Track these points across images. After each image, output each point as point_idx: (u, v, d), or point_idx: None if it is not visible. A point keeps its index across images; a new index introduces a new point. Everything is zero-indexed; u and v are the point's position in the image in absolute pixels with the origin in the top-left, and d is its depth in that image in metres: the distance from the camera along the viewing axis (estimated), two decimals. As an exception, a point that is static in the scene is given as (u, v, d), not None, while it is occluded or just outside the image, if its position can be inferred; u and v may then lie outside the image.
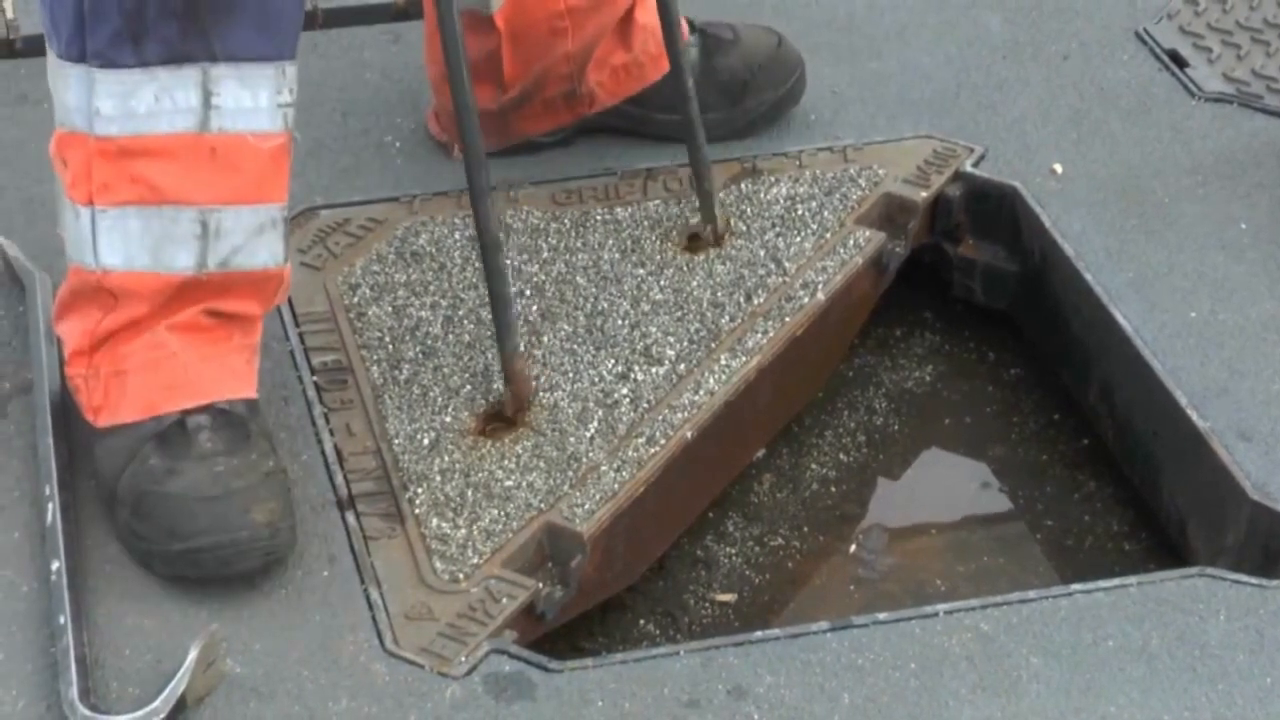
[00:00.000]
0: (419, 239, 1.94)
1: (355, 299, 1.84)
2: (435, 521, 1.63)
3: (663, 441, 1.70)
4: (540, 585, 1.59)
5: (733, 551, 1.81)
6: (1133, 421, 1.85)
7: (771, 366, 1.80)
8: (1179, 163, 2.05)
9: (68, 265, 1.63)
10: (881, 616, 1.60)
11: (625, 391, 1.75)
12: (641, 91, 2.04)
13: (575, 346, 1.81)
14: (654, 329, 1.82)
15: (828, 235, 1.93)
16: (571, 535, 1.61)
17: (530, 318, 1.83)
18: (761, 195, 1.99)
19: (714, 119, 2.01)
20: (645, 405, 1.73)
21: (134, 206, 1.56)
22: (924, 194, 1.98)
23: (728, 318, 1.83)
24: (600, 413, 1.73)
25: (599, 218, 1.97)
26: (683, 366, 1.78)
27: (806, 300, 1.85)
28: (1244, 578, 1.63)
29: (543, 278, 1.89)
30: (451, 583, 1.58)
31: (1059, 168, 2.04)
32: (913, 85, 2.16)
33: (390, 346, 1.79)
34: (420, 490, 1.66)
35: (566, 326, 1.83)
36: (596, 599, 1.68)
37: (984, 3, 2.08)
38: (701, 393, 1.75)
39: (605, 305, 1.85)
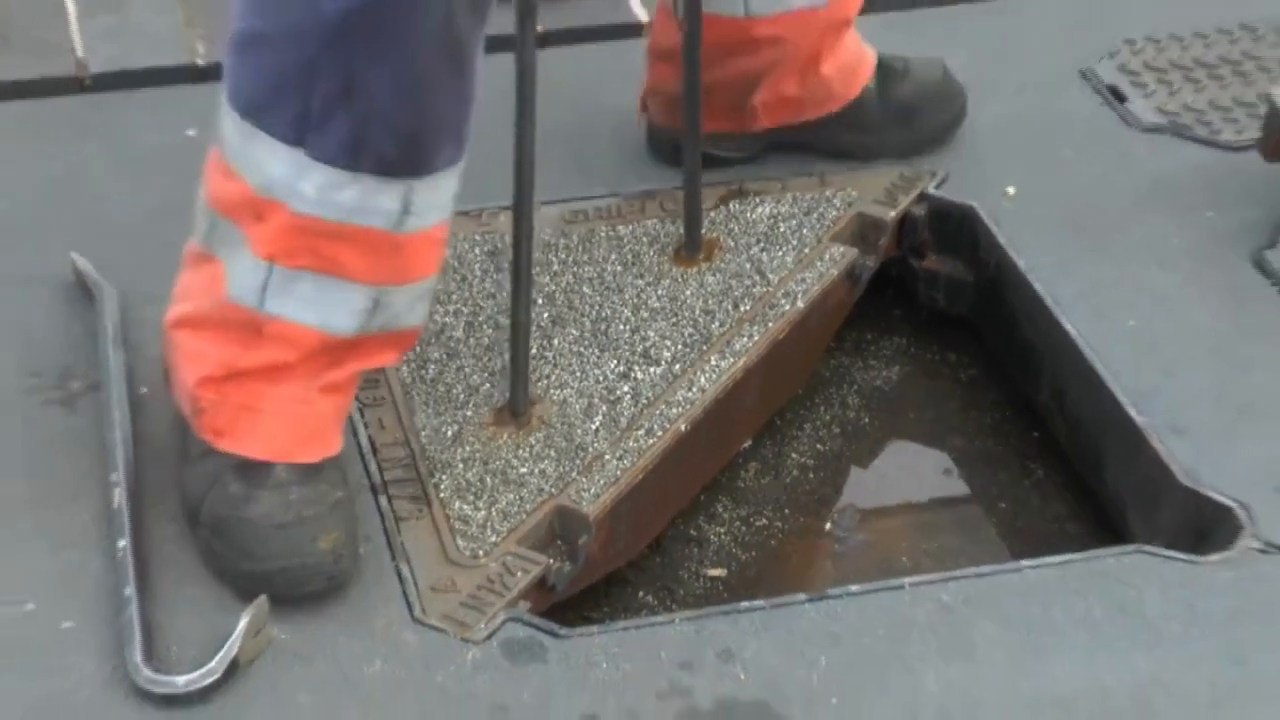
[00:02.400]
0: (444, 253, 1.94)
1: None
2: (458, 504, 1.64)
3: (660, 433, 1.71)
4: (551, 561, 1.60)
5: (722, 531, 1.82)
6: (1078, 417, 1.86)
7: (757, 367, 1.81)
8: (1119, 186, 2.07)
9: (209, 289, 1.59)
10: (854, 588, 1.61)
11: (626, 389, 1.76)
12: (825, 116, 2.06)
13: (582, 349, 1.81)
14: (652, 333, 1.83)
15: (806, 250, 1.93)
16: (579, 517, 1.62)
17: (542, 323, 1.84)
18: (747, 214, 1.99)
19: (890, 140, 2.06)
20: (644, 401, 1.74)
21: (312, 273, 1.54)
22: (892, 214, 1.99)
23: (717, 323, 1.84)
24: (604, 408, 1.74)
25: (603, 234, 1.98)
26: (678, 367, 1.79)
27: (788, 308, 1.86)
28: (1176, 555, 1.64)
29: (553, 288, 1.90)
30: (472, 559, 1.59)
31: (1012, 190, 2.05)
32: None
33: (417, 349, 1.79)
34: (444, 477, 1.67)
35: (574, 331, 1.84)
36: (601, 573, 1.69)
37: (950, 44, 2.09)
38: (694, 390, 1.76)
39: (608, 312, 1.86)
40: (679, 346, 1.81)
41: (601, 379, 1.78)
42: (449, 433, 1.72)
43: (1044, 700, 1.50)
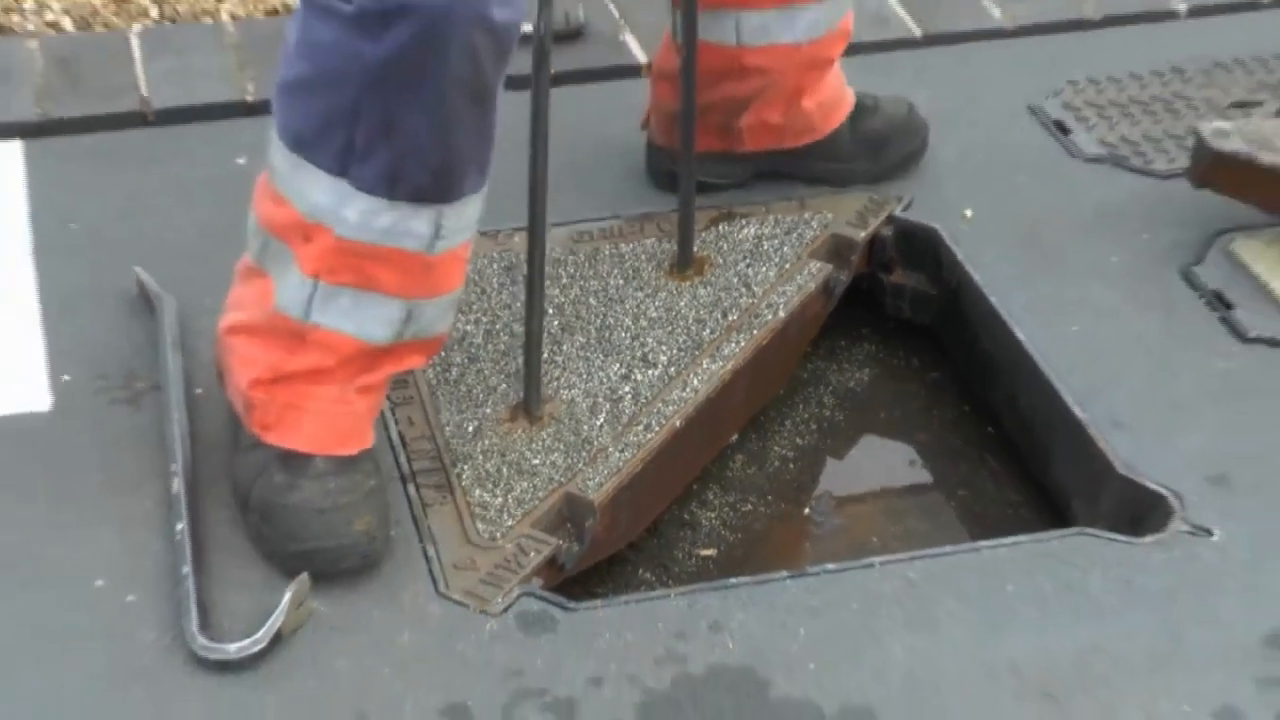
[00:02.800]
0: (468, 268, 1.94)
1: None
2: (478, 492, 1.64)
3: (657, 429, 1.71)
4: (561, 542, 1.60)
5: (712, 515, 1.82)
6: (1028, 414, 1.86)
7: (743, 370, 1.81)
8: (1064, 210, 2.07)
9: (259, 303, 1.60)
10: (830, 567, 1.61)
11: (627, 389, 1.76)
12: (804, 146, 2.07)
13: (588, 354, 1.81)
14: (650, 340, 1.83)
15: (787, 266, 1.94)
16: (585, 503, 1.62)
17: (552, 331, 1.84)
18: (735, 234, 2.00)
19: (860, 169, 2.06)
20: (643, 400, 1.75)
21: (351, 288, 1.54)
22: (863, 234, 1.99)
23: (708, 331, 1.84)
24: (607, 406, 1.74)
25: (606, 252, 1.98)
26: (673, 369, 1.79)
27: (770, 317, 1.86)
28: (1115, 537, 1.64)
29: (562, 299, 1.90)
30: (490, 540, 1.59)
31: (970, 213, 2.05)
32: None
33: (442, 354, 1.79)
34: (465, 467, 1.67)
35: (580, 338, 1.84)
36: (605, 553, 1.70)
37: (916, 83, 2.09)
38: (688, 390, 1.76)
39: (611, 321, 1.86)
40: (674, 351, 1.81)
41: (605, 380, 1.78)
42: (470, 428, 1.73)
43: (998, 666, 1.50)
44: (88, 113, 2.18)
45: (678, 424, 1.73)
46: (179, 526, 1.59)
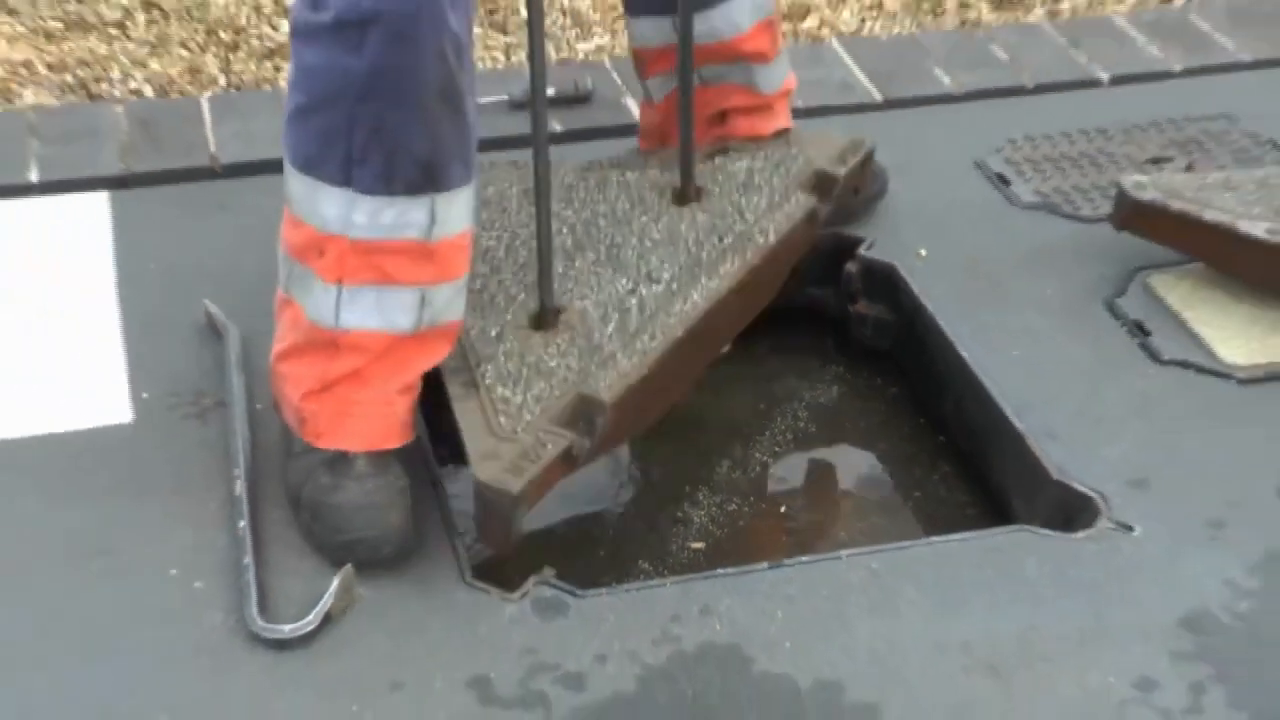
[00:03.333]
0: (487, 190, 1.90)
1: None
2: (500, 390, 1.59)
3: (661, 337, 1.65)
4: (574, 436, 1.54)
5: (702, 514, 1.81)
6: (974, 426, 1.86)
7: (737, 286, 1.75)
8: (1005, 250, 2.06)
9: (295, 325, 1.60)
10: (804, 559, 1.61)
11: (634, 302, 1.71)
12: None
13: (598, 269, 1.76)
14: (654, 259, 1.77)
15: (776, 197, 1.87)
16: (597, 402, 1.56)
17: (566, 248, 1.79)
18: (730, 167, 1.93)
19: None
20: (649, 312, 1.69)
21: (371, 286, 1.54)
22: (843, 170, 1.91)
23: (706, 252, 1.78)
24: (616, 316, 1.68)
25: (614, 180, 1.93)
26: (674, 285, 1.73)
27: (762, 241, 1.80)
28: (1050, 533, 1.64)
29: (575, 220, 1.85)
30: (511, 433, 1.53)
31: (924, 252, 2.05)
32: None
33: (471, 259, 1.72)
34: (489, 368, 1.62)
35: (591, 255, 1.79)
36: (609, 448, 1.63)
37: (879, 138, 2.08)
38: (688, 304, 1.70)
39: (619, 240, 1.81)
40: (676, 269, 1.75)
41: (614, 293, 1.72)
42: (493, 332, 1.67)
43: (950, 644, 1.50)
44: (164, 167, 2.19)
45: (679, 334, 1.66)
46: (241, 523, 1.59)
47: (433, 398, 1.66)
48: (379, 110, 1.47)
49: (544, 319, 1.68)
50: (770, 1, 1.98)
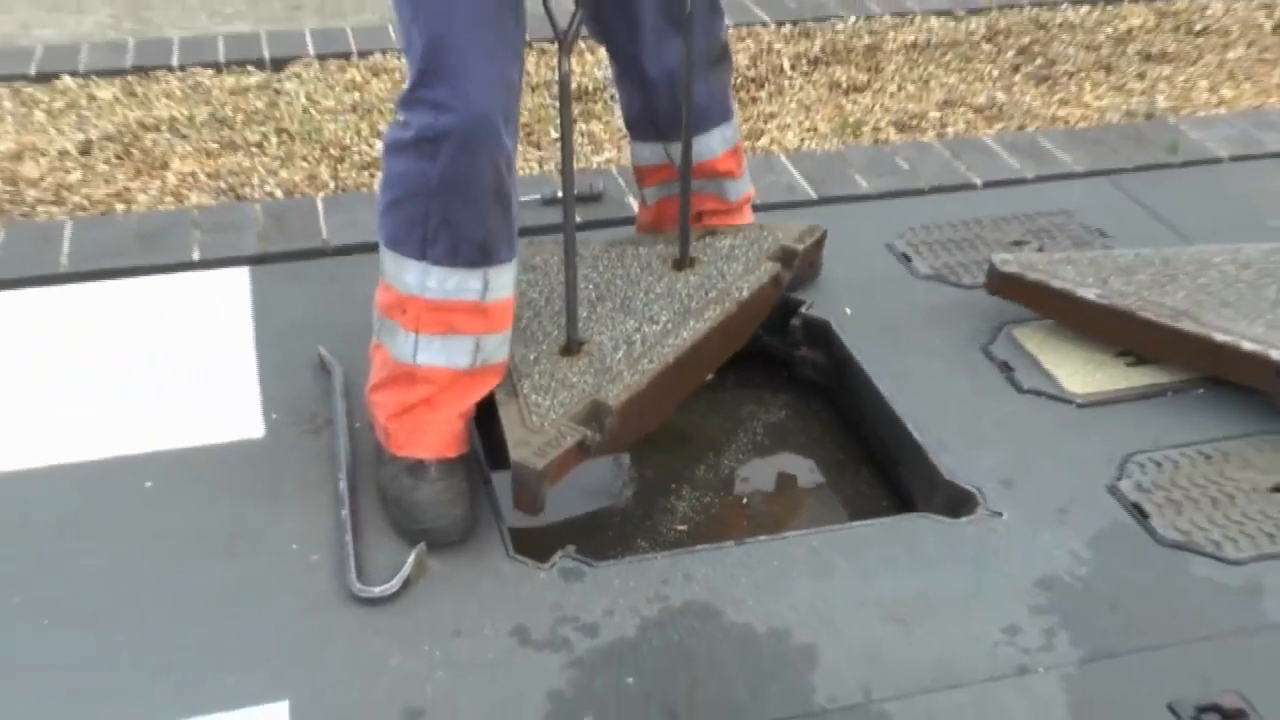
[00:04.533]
0: (535, 259, 1.91)
1: None
2: (534, 397, 1.59)
3: (657, 361, 1.65)
4: (588, 432, 1.54)
5: (685, 505, 1.80)
6: (887, 440, 1.85)
7: (717, 328, 1.75)
8: (907, 310, 2.06)
9: (383, 363, 1.60)
10: (761, 538, 1.61)
11: (638, 337, 1.71)
12: None
13: (613, 315, 1.76)
14: (655, 307, 1.77)
15: (750, 264, 1.88)
16: (606, 407, 1.56)
17: (590, 299, 1.79)
18: (716, 244, 1.94)
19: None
20: (649, 344, 1.69)
21: (439, 335, 1.55)
22: (801, 246, 1.93)
23: (695, 302, 1.78)
24: (625, 347, 1.68)
25: (630, 252, 1.93)
26: (669, 325, 1.73)
27: (737, 295, 1.80)
28: (943, 519, 1.64)
29: (599, 280, 1.85)
30: (540, 427, 1.54)
31: (849, 311, 2.04)
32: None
33: (518, 308, 1.74)
34: (526, 382, 1.62)
35: (610, 304, 1.79)
36: (615, 449, 1.62)
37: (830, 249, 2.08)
38: (679, 339, 1.70)
39: (630, 294, 1.81)
40: (671, 314, 1.75)
41: (624, 331, 1.71)
42: (531, 357, 1.67)
43: (869, 601, 1.50)
44: (290, 248, 2.19)
45: (671, 360, 1.66)
46: (343, 512, 1.58)
47: (487, 424, 1.66)
48: (447, 204, 1.48)
49: (570, 348, 1.68)
50: (735, 134, 1.99)
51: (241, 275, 2.12)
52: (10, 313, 2.00)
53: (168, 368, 1.88)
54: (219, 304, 2.05)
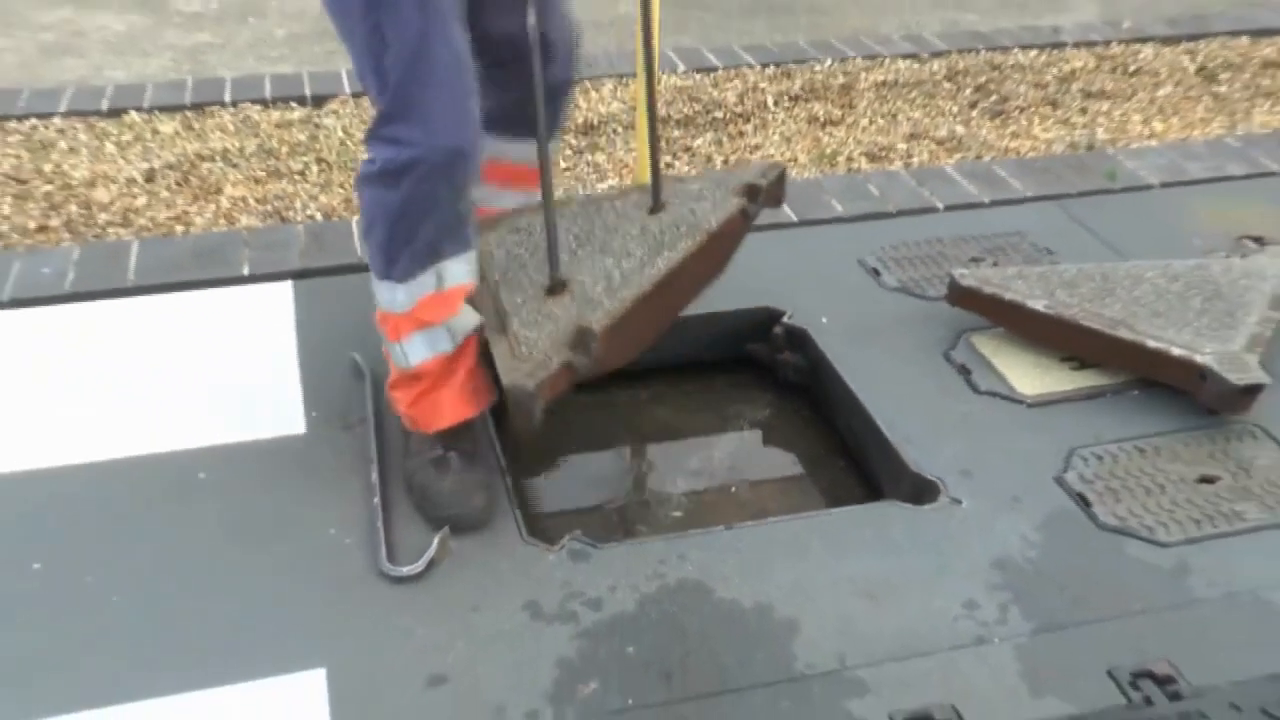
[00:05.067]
0: (519, 222, 1.80)
1: (493, 245, 1.71)
2: (523, 331, 1.53)
3: (635, 292, 1.58)
4: (573, 354, 1.48)
5: (680, 493, 1.79)
6: (859, 435, 1.84)
7: (690, 258, 1.66)
8: (877, 319, 2.04)
9: (393, 367, 1.60)
10: (747, 523, 1.60)
11: (616, 271, 1.62)
12: None
13: (594, 254, 1.67)
14: (632, 245, 1.68)
15: (717, 201, 1.77)
16: (590, 331, 1.49)
17: (571, 247, 1.70)
18: (686, 187, 1.83)
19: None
20: (626, 275, 1.61)
21: (418, 332, 1.54)
22: (765, 181, 1.79)
23: (667, 238, 1.69)
24: (604, 281, 1.60)
25: (606, 206, 1.81)
26: (644, 258, 1.64)
27: (706, 228, 1.70)
28: (908, 506, 1.63)
29: (578, 231, 1.74)
30: (528, 354, 1.49)
31: (825, 319, 2.03)
32: (761, 277, 2.14)
33: (505, 263, 1.68)
34: (515, 319, 1.56)
35: (589, 248, 1.69)
36: (599, 373, 1.53)
37: (794, 249, 2.06)
38: (654, 269, 1.61)
39: (607, 239, 1.71)
40: (645, 250, 1.66)
41: (603, 268, 1.63)
42: (519, 299, 1.60)
43: (843, 578, 1.49)
44: (328, 264, 2.17)
45: (648, 288, 1.58)
46: (375, 500, 1.57)
47: (505, 420, 1.64)
48: (409, 227, 1.47)
49: (554, 289, 1.60)
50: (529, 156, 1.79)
51: (285, 289, 2.11)
52: (85, 323, 1.99)
53: (219, 371, 1.87)
54: (265, 314, 2.03)
